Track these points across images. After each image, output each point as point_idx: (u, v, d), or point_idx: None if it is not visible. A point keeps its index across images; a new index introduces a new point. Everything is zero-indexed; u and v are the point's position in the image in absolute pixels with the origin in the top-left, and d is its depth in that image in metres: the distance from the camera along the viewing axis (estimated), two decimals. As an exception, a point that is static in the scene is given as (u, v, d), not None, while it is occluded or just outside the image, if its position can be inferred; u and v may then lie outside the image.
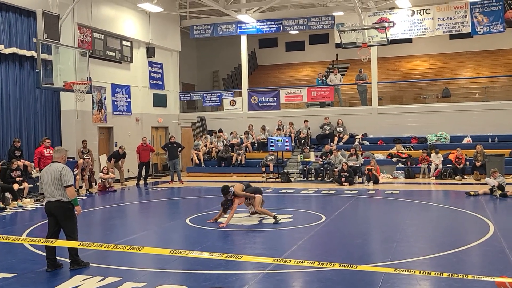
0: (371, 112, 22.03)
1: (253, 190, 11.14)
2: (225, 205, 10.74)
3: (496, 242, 8.44)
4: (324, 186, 17.29)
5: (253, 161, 21.43)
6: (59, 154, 7.45)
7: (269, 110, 23.31)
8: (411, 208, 12.50)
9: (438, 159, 18.72)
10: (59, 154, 7.44)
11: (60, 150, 7.56)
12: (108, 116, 20.37)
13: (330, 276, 6.59)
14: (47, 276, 7.01)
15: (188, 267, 7.25)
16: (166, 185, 19.08)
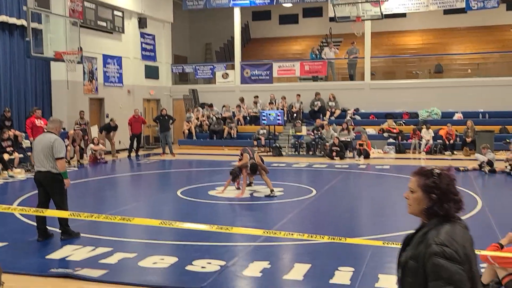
0: (364, 87, 22.01)
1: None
2: (235, 174, 10.74)
3: (483, 217, 8.56)
4: (315, 160, 17.37)
5: (244, 135, 21.43)
6: (53, 124, 7.37)
7: (262, 84, 23.20)
8: (401, 183, 12.60)
9: (429, 135, 18.82)
10: (53, 125, 7.36)
11: (55, 121, 7.48)
12: (99, 87, 20.21)
13: (319, 249, 6.68)
14: (38, 246, 7.05)
15: (178, 239, 7.31)
16: (157, 157, 19.08)
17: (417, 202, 2.40)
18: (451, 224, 2.31)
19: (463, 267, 2.20)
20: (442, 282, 2.18)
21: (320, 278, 5.61)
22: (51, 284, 5.59)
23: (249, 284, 5.56)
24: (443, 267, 2.19)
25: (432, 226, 2.34)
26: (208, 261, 6.18)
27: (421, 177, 2.40)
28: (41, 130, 15.28)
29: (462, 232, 2.32)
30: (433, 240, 2.26)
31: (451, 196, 2.33)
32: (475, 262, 2.31)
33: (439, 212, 2.34)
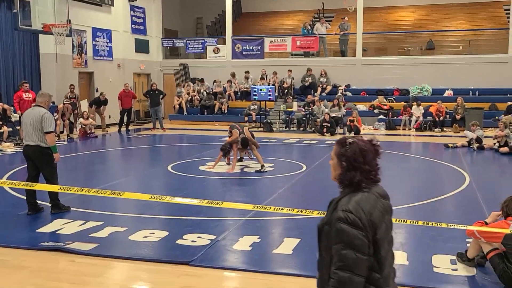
0: (355, 63, 21.95)
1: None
2: (225, 149, 10.74)
3: (471, 192, 8.67)
4: (306, 136, 17.40)
5: (235, 110, 21.37)
6: (42, 98, 7.29)
7: (253, 59, 23.04)
8: (390, 159, 12.68)
9: (419, 112, 18.88)
10: (42, 99, 7.28)
11: (44, 95, 7.39)
12: (89, 60, 19.99)
13: (309, 224, 6.72)
14: (28, 219, 7.05)
15: (169, 213, 7.34)
16: (148, 132, 19.02)
17: (333, 168, 2.53)
18: (362, 193, 2.40)
19: (365, 233, 2.29)
20: (342, 245, 2.29)
21: (310, 252, 5.67)
22: (41, 257, 5.61)
23: (239, 258, 5.62)
24: (345, 231, 2.30)
25: (346, 194, 2.44)
26: (198, 235, 6.23)
27: (338, 146, 2.51)
28: (28, 103, 15.18)
29: (372, 201, 2.40)
30: (341, 207, 2.36)
31: (358, 165, 2.42)
32: (384, 229, 2.40)
33: (345, 179, 2.45)
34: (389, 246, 2.48)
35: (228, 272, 5.27)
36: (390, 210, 2.52)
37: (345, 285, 2.27)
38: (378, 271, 2.35)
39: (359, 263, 2.28)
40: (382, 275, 2.36)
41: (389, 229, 2.48)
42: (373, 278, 2.34)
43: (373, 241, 2.33)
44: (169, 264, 5.37)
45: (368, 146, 2.50)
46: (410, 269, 5.21)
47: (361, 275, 2.29)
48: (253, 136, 11.24)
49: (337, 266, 2.30)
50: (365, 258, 2.30)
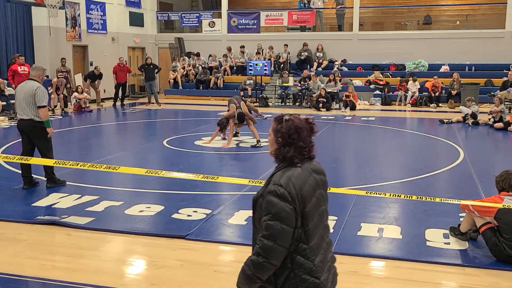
0: (352, 38, 21.80)
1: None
2: (222, 124, 10.73)
3: (465, 168, 8.72)
4: (302, 111, 17.36)
5: (231, 85, 21.25)
6: (36, 72, 7.21)
7: (249, 33, 22.84)
8: (386, 135, 12.73)
9: (415, 87, 18.85)
10: (36, 72, 7.20)
11: (38, 68, 7.31)
12: (83, 34, 19.77)
13: (303, 198, 6.78)
14: (23, 193, 7.06)
15: (164, 188, 7.37)
16: (143, 106, 18.94)
17: (270, 144, 2.62)
18: (294, 168, 2.51)
19: (293, 206, 2.40)
20: (270, 216, 2.41)
21: (304, 226, 5.72)
22: (37, 231, 5.64)
23: (234, 232, 5.66)
24: (273, 203, 2.41)
25: (280, 168, 2.54)
26: (194, 210, 6.27)
27: (274, 122, 2.61)
28: (24, 77, 15.03)
29: (304, 175, 2.50)
30: (273, 181, 2.47)
31: (292, 141, 2.52)
32: (314, 203, 2.50)
33: (280, 155, 2.55)
34: (321, 218, 2.57)
35: (224, 246, 5.32)
36: (323, 184, 2.62)
37: (267, 253, 2.40)
38: (305, 242, 2.46)
39: (284, 234, 2.39)
40: (309, 246, 2.47)
41: (321, 202, 2.59)
42: (300, 248, 2.45)
43: (302, 214, 2.44)
44: (165, 238, 5.41)
45: (304, 124, 2.58)
46: (403, 243, 5.27)
47: (284, 246, 2.40)
48: (254, 110, 11.23)
49: (263, 235, 2.42)
50: (291, 230, 2.41)
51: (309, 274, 2.46)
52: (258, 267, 2.42)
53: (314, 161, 2.65)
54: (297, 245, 2.45)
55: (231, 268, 4.74)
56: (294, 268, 2.46)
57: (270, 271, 2.44)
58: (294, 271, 2.46)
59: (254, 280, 2.45)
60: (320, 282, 2.48)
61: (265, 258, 2.40)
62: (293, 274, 2.46)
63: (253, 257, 2.44)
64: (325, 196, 2.64)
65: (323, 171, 2.66)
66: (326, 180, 2.67)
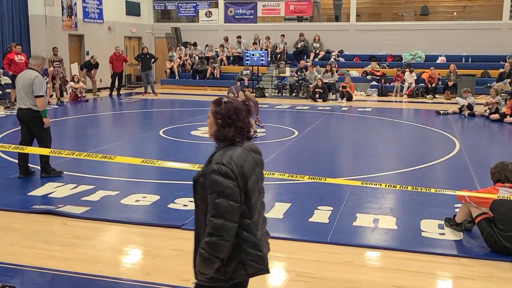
0: (349, 29, 21.75)
1: None
2: None
3: (461, 159, 8.74)
4: (298, 102, 17.37)
5: (228, 75, 21.22)
6: (35, 61, 7.18)
7: (246, 23, 22.75)
8: (382, 126, 12.74)
9: (412, 78, 18.85)
10: (35, 62, 7.17)
11: (37, 57, 7.28)
12: (79, 23, 19.66)
13: (299, 189, 6.80)
14: (19, 183, 7.05)
15: (161, 177, 7.37)
16: (139, 96, 18.89)
17: (210, 126, 2.72)
18: (235, 148, 2.62)
19: (237, 183, 2.52)
20: (216, 194, 2.50)
21: (300, 217, 5.74)
22: (33, 220, 5.64)
23: (230, 221, 5.66)
24: (218, 182, 2.50)
25: (220, 148, 2.65)
26: (190, 200, 6.25)
27: (213, 105, 2.72)
28: (20, 66, 14.97)
29: (244, 154, 2.62)
30: (215, 160, 2.57)
31: (231, 122, 2.63)
32: (254, 180, 2.63)
33: (220, 135, 2.66)
34: (259, 195, 2.72)
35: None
36: (260, 163, 2.76)
37: (219, 230, 2.48)
38: (249, 217, 2.60)
39: (232, 210, 2.50)
40: (252, 221, 2.61)
41: (260, 180, 2.74)
42: (245, 223, 2.59)
43: (244, 190, 2.57)
44: (161, 228, 5.41)
45: (241, 105, 2.70)
46: (398, 234, 5.29)
47: (233, 221, 2.51)
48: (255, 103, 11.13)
49: (212, 214, 2.51)
50: (237, 206, 2.51)
51: (253, 248, 2.61)
52: (215, 247, 2.50)
53: (251, 141, 2.79)
54: (242, 220, 2.57)
55: (227, 258, 4.76)
56: (240, 243, 2.58)
57: (227, 248, 2.53)
58: (240, 246, 2.58)
59: (213, 261, 2.53)
60: (263, 254, 2.65)
61: (219, 236, 2.49)
62: (238, 249, 2.58)
63: (207, 238, 2.51)
64: (262, 175, 2.79)
65: (260, 151, 2.80)
66: (262, 158, 2.80)
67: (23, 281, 4.24)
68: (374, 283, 4.24)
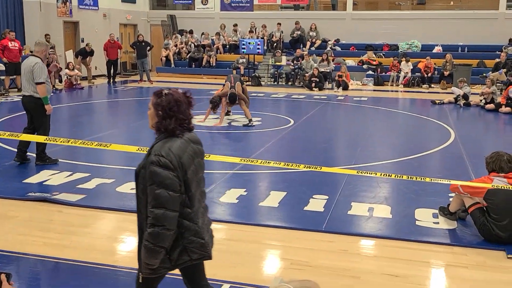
0: (345, 17, 21.68)
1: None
2: (214, 102, 10.68)
3: (456, 148, 8.77)
4: (294, 91, 17.35)
5: (223, 63, 21.14)
6: (39, 47, 7.18)
7: (242, 11, 22.63)
8: (378, 115, 12.75)
9: (408, 67, 18.84)
10: (39, 48, 7.17)
11: (41, 44, 7.28)
12: (74, 10, 19.50)
13: (295, 177, 6.81)
14: (15, 170, 7.04)
15: (156, 165, 7.34)
16: (135, 84, 18.82)
17: (151, 117, 2.74)
18: (174, 139, 2.66)
19: (176, 174, 2.57)
20: (155, 185, 2.54)
21: (295, 206, 5.76)
22: (29, 208, 5.64)
23: (225, 210, 5.69)
24: (156, 173, 2.55)
25: (159, 140, 2.69)
26: (185, 188, 6.27)
27: (154, 97, 2.73)
28: (14, 52, 14.89)
29: (183, 145, 2.67)
30: (154, 152, 2.61)
31: (172, 114, 2.67)
32: (193, 170, 2.69)
33: (161, 127, 2.68)
34: (198, 184, 2.77)
35: (215, 224, 5.29)
36: (200, 153, 2.82)
37: (160, 221, 2.53)
38: (189, 206, 2.67)
39: (172, 200, 2.55)
40: (193, 210, 2.69)
41: (199, 170, 2.78)
42: (185, 213, 2.65)
43: (184, 181, 2.62)
44: (156, 216, 5.41)
45: (182, 97, 2.75)
46: (393, 222, 5.32)
47: (174, 210, 2.57)
48: (245, 91, 11.07)
49: (152, 205, 2.55)
50: (177, 196, 2.57)
51: (195, 236, 2.69)
52: (158, 237, 2.54)
53: (193, 132, 2.84)
54: (183, 210, 2.64)
55: (222, 246, 4.77)
56: (182, 232, 2.65)
57: (170, 237, 2.59)
58: (182, 234, 2.65)
59: (158, 251, 2.57)
60: (205, 241, 2.74)
61: (161, 226, 2.53)
62: (181, 237, 2.65)
63: (150, 229, 2.54)
64: (202, 165, 2.83)
65: (200, 141, 2.86)
66: (202, 149, 2.87)
67: (18, 268, 4.25)
68: (368, 271, 4.27)
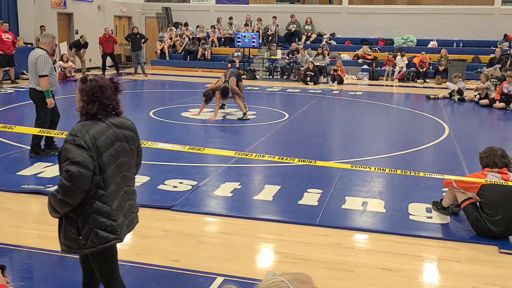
0: (341, 11, 21.65)
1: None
2: (208, 95, 10.66)
3: (450, 143, 8.80)
4: (289, 85, 17.34)
5: (219, 56, 21.10)
6: (45, 39, 7.16)
7: (237, 4, 22.56)
8: (373, 110, 12.77)
9: (403, 62, 18.85)
10: (45, 40, 7.15)
11: (47, 36, 7.27)
12: (68, 1, 19.38)
13: (289, 171, 6.82)
14: (8, 162, 7.01)
15: (150, 159, 7.32)
16: (129, 77, 18.74)
17: (77, 102, 2.89)
18: (94, 122, 2.79)
19: (90, 153, 2.69)
20: (68, 161, 2.68)
21: (289, 199, 5.77)
22: (22, 200, 5.62)
23: (220, 203, 5.69)
24: (69, 150, 2.70)
25: (80, 121, 2.84)
26: (180, 181, 6.28)
27: (79, 82, 2.88)
28: (7, 44, 14.79)
29: (102, 128, 2.79)
30: (70, 132, 2.78)
31: (95, 99, 2.80)
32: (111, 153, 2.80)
33: (84, 111, 2.84)
34: (118, 168, 2.85)
35: (209, 217, 5.35)
36: (126, 138, 2.91)
37: (65, 193, 2.67)
38: (103, 188, 2.77)
39: (82, 177, 2.66)
40: (107, 192, 2.78)
41: (121, 154, 2.86)
42: (99, 194, 2.76)
43: (99, 162, 2.73)
44: (151, 209, 5.42)
45: (108, 83, 2.87)
46: (386, 217, 5.34)
47: (80, 188, 2.68)
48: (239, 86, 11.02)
49: (63, 176, 2.69)
50: (88, 174, 2.68)
51: (107, 218, 2.78)
52: (55, 203, 2.71)
53: (123, 117, 2.96)
54: (96, 191, 2.74)
55: (216, 239, 4.79)
56: (93, 213, 2.75)
57: (65, 208, 2.72)
58: (93, 216, 2.75)
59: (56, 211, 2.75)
60: (117, 224, 2.82)
61: (62, 197, 2.68)
62: (92, 219, 2.75)
63: (54, 192, 2.72)
64: (127, 149, 2.91)
65: (131, 127, 2.96)
66: (134, 135, 2.98)
67: (12, 260, 4.24)
68: (362, 265, 4.29)
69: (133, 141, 2.96)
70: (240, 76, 11.35)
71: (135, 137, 2.99)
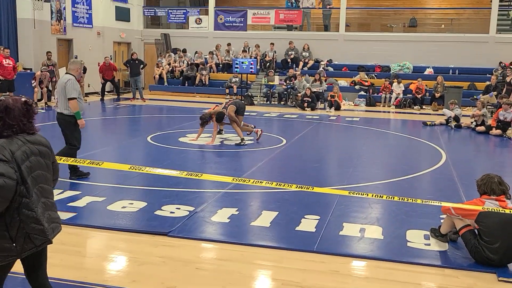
0: (338, 38, 21.90)
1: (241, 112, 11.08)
2: (204, 119, 10.74)
3: (447, 170, 8.82)
4: (287, 110, 17.42)
5: (217, 82, 21.24)
6: (74, 66, 7.42)
7: (236, 31, 22.82)
8: (370, 135, 12.81)
9: (400, 89, 19.00)
10: (74, 66, 7.40)
11: (76, 62, 7.56)
12: (68, 27, 19.57)
13: (287, 197, 6.80)
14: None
15: (148, 184, 7.33)
16: (127, 102, 18.82)
17: None
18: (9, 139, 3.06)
19: (11, 165, 2.96)
20: None
21: (287, 226, 5.75)
22: (18, 226, 5.57)
23: (217, 229, 5.66)
24: None
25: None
26: (177, 207, 6.25)
27: None
28: (8, 70, 14.89)
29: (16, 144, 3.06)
30: None
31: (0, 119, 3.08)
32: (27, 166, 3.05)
33: None
34: (35, 180, 3.10)
35: (206, 243, 5.32)
36: (39, 153, 3.17)
37: None
38: (27, 197, 3.04)
39: (6, 186, 2.90)
40: (31, 200, 3.04)
41: (36, 167, 3.12)
42: (24, 202, 3.03)
43: (20, 173, 3.01)
44: (147, 235, 5.39)
45: (18, 105, 3.14)
46: (384, 243, 5.32)
47: (4, 197, 2.91)
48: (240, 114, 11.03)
49: None
50: (12, 183, 2.93)
51: (35, 223, 3.06)
52: None
53: (38, 135, 3.25)
54: (21, 200, 3.01)
55: (213, 266, 4.75)
56: (23, 220, 3.02)
57: None
58: (23, 222, 3.02)
59: None
60: (45, 228, 3.10)
61: None
62: (22, 225, 3.02)
63: None
64: (43, 163, 3.18)
65: (45, 143, 3.25)
66: (48, 150, 3.26)
67: (5, 286, 4.19)
68: (359, 292, 4.25)
69: (48, 156, 3.24)
70: (242, 110, 11.08)
71: (50, 152, 3.28)
